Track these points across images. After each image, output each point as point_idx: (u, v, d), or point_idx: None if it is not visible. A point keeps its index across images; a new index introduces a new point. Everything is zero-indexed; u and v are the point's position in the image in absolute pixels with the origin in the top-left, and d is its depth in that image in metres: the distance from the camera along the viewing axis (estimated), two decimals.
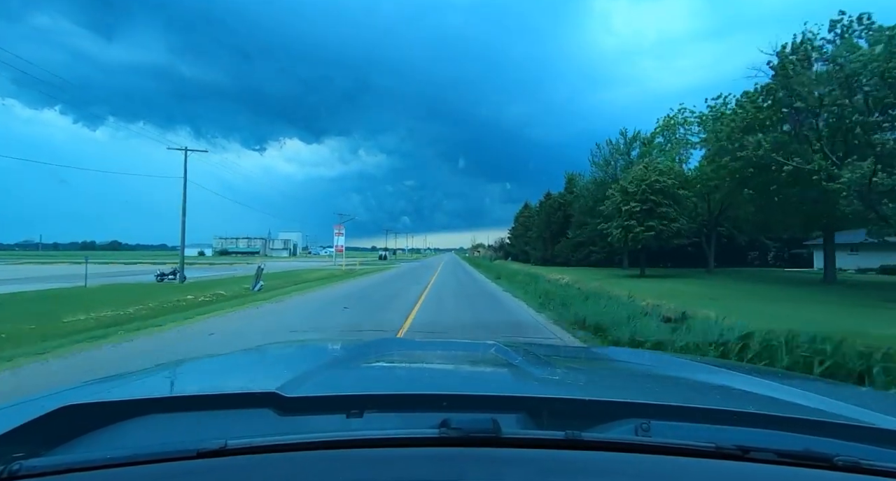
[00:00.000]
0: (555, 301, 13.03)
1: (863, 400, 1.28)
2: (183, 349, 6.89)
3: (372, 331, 8.57)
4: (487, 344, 1.95)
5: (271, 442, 0.77)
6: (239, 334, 8.51)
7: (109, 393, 1.15)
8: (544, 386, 1.28)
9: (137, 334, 8.52)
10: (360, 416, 0.94)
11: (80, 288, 19.30)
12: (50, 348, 7.12)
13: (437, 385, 1.28)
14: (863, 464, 0.78)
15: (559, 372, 1.51)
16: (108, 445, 0.85)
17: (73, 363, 6.24)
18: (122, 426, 0.92)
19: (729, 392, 1.35)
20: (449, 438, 0.80)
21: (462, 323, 10.00)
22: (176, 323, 9.86)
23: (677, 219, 26.60)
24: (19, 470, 0.71)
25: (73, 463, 0.73)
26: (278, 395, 0.97)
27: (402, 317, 10.76)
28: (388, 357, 1.81)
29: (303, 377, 1.18)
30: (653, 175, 26.53)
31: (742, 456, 0.80)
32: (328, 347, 2.31)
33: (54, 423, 0.89)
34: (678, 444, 0.81)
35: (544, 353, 1.86)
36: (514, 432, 0.84)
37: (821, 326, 6.87)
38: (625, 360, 1.96)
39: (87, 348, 7.19)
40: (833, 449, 0.81)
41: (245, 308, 12.69)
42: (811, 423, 0.96)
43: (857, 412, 1.10)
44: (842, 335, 5.55)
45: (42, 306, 12.87)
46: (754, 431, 0.93)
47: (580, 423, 0.89)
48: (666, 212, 26.26)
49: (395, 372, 1.61)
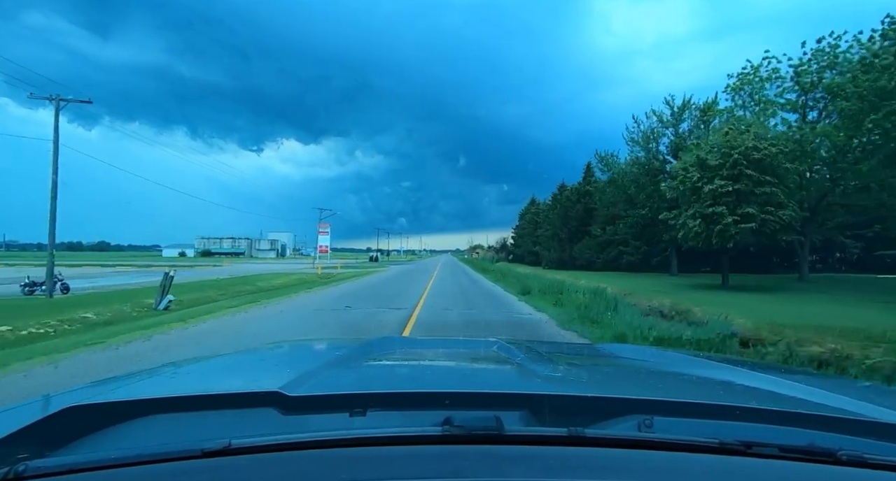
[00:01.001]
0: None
1: (866, 395, 1.29)
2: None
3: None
4: (490, 341, 1.95)
5: (275, 442, 0.77)
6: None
7: (113, 394, 1.17)
8: (547, 383, 1.29)
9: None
10: (364, 415, 0.94)
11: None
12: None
13: (440, 383, 1.29)
14: (866, 459, 0.78)
15: (562, 369, 1.49)
16: (112, 445, 0.85)
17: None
18: (127, 426, 0.93)
19: (732, 387, 1.36)
20: (452, 436, 0.80)
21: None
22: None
23: (785, 203, 18.01)
24: (25, 470, 0.71)
25: (78, 464, 0.73)
26: (282, 394, 0.97)
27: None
28: (391, 355, 1.82)
29: (306, 376, 1.18)
30: (748, 140, 17.77)
31: (745, 452, 0.80)
32: (331, 346, 2.29)
33: (59, 424, 0.89)
34: (681, 440, 0.81)
35: (546, 350, 1.87)
36: (518, 429, 0.84)
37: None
38: (627, 357, 1.97)
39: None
40: (837, 444, 0.81)
41: (47, 363, 6.58)
42: (814, 418, 0.96)
43: (861, 406, 1.11)
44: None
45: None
46: (757, 426, 0.93)
47: (583, 420, 0.89)
48: (770, 194, 17.58)
49: (398, 371, 1.62)
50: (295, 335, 8.85)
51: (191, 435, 0.90)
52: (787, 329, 8.46)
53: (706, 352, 6.27)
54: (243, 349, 2.15)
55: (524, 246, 60.08)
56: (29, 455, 0.76)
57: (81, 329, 10.56)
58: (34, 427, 0.87)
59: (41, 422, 0.88)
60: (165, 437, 0.87)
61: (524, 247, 59.94)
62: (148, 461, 0.73)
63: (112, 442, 0.87)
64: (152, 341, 8.31)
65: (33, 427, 0.86)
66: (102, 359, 6.92)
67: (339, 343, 2.39)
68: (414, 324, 9.89)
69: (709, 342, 7.46)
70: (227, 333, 9.26)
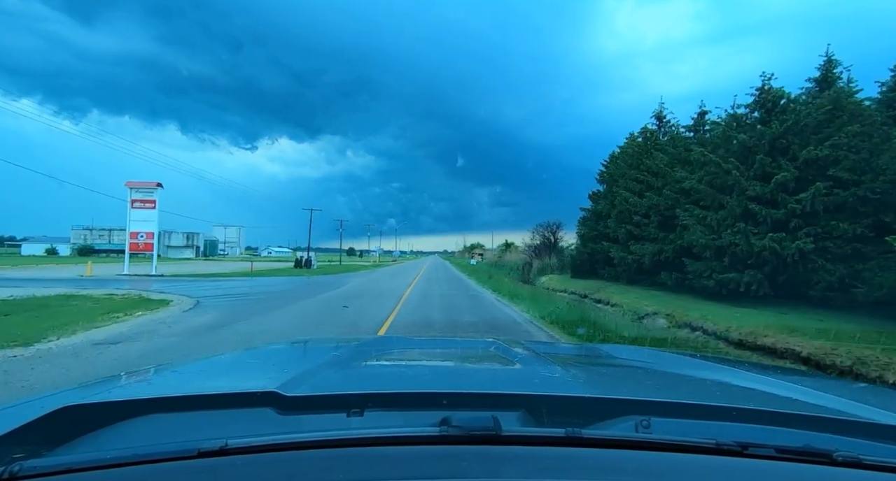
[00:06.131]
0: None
1: (862, 396, 1.30)
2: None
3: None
4: (487, 341, 1.98)
5: (272, 442, 0.77)
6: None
7: (110, 394, 1.16)
8: (544, 383, 1.28)
9: None
10: (361, 415, 0.94)
11: None
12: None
13: (438, 383, 1.28)
14: (862, 460, 0.79)
15: (559, 369, 1.48)
16: (108, 445, 0.85)
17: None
18: (123, 426, 0.92)
19: (728, 388, 1.36)
20: (450, 436, 0.80)
21: None
22: None
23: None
24: (20, 470, 0.70)
25: (74, 464, 0.72)
26: (279, 394, 0.97)
27: None
28: (388, 355, 1.81)
29: (303, 376, 1.18)
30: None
31: (742, 453, 0.80)
32: (328, 346, 2.26)
33: (55, 424, 0.88)
34: (678, 441, 0.81)
35: (544, 351, 1.86)
36: (515, 430, 0.84)
37: None
38: (624, 357, 1.95)
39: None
40: (832, 445, 0.81)
41: None
42: (810, 419, 0.97)
43: (856, 407, 1.11)
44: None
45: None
46: (754, 427, 0.94)
47: (580, 421, 0.89)
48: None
49: (396, 371, 1.61)
50: None
51: (187, 435, 0.89)
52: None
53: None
54: (242, 349, 2.12)
55: (599, 242, 26.94)
56: (24, 454, 0.77)
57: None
58: (30, 426, 0.86)
59: (37, 422, 0.87)
60: (162, 437, 0.86)
61: (599, 244, 26.71)
62: (144, 461, 0.73)
63: (108, 441, 0.87)
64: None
65: (29, 426, 0.86)
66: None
67: (336, 343, 2.36)
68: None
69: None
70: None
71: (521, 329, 10.00)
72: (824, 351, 8.79)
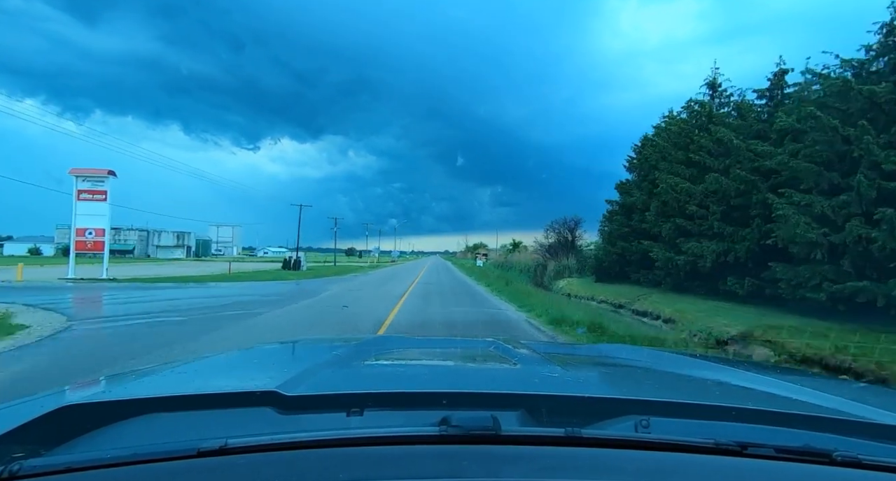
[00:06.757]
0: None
1: (861, 396, 1.30)
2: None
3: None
4: (487, 341, 1.94)
5: (272, 441, 0.77)
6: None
7: (109, 393, 1.18)
8: (544, 383, 1.28)
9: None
10: (361, 414, 0.94)
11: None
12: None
13: (437, 382, 1.28)
14: (862, 460, 0.78)
15: (558, 369, 1.47)
16: (108, 445, 0.85)
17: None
18: (122, 425, 0.92)
19: (728, 388, 1.36)
20: (449, 436, 0.80)
21: None
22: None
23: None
24: (19, 470, 0.70)
25: (74, 463, 0.72)
26: (278, 394, 0.96)
27: None
28: (388, 355, 1.81)
29: (302, 375, 1.17)
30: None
31: (741, 453, 0.80)
32: (328, 346, 2.24)
33: (54, 423, 0.88)
34: (678, 441, 0.81)
35: (544, 350, 1.86)
36: (515, 429, 0.84)
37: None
38: (624, 357, 1.96)
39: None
40: (832, 445, 0.81)
41: None
42: (810, 419, 0.97)
43: (856, 407, 1.10)
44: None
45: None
46: (753, 427, 0.93)
47: (580, 420, 0.89)
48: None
49: (395, 370, 1.61)
50: None
51: (187, 434, 0.89)
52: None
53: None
54: (242, 348, 2.08)
55: (624, 242, 23.90)
56: (24, 454, 0.76)
57: None
58: (29, 425, 0.86)
59: (36, 421, 0.87)
60: (161, 437, 0.86)
61: (626, 244, 23.63)
62: (143, 460, 0.73)
63: (108, 441, 0.86)
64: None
65: (28, 426, 0.86)
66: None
67: (336, 342, 2.32)
68: None
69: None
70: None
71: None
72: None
